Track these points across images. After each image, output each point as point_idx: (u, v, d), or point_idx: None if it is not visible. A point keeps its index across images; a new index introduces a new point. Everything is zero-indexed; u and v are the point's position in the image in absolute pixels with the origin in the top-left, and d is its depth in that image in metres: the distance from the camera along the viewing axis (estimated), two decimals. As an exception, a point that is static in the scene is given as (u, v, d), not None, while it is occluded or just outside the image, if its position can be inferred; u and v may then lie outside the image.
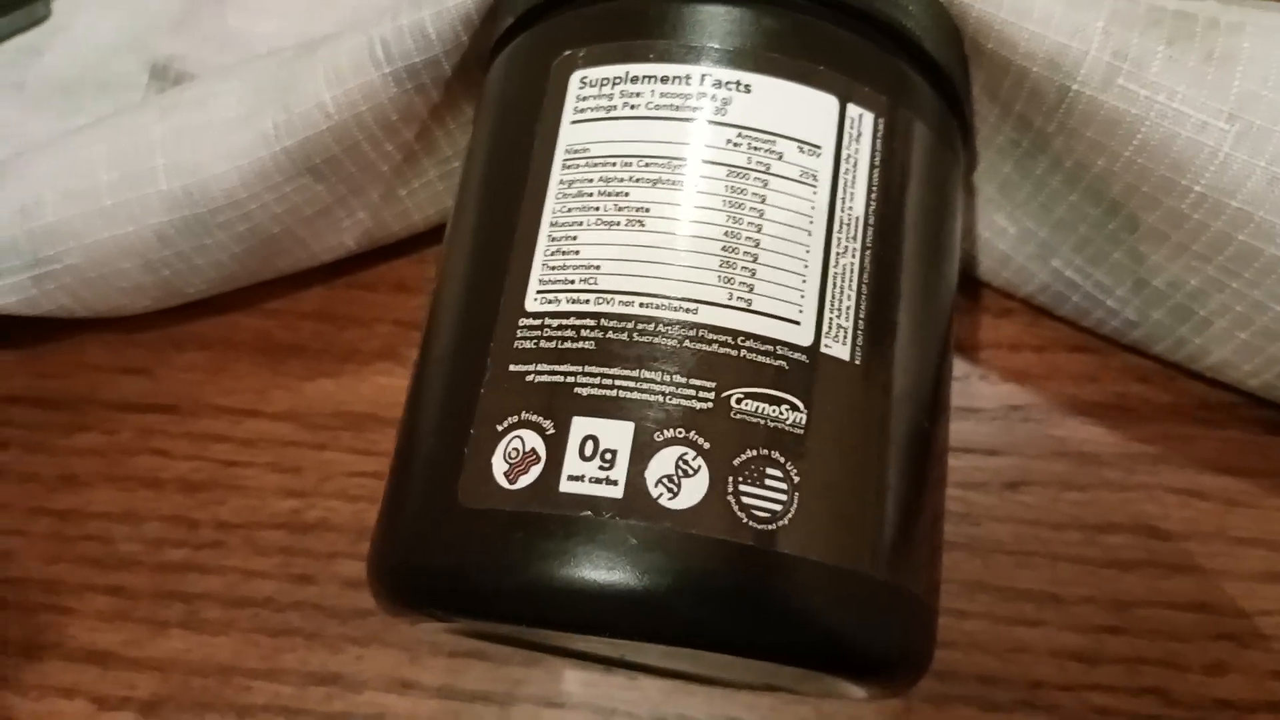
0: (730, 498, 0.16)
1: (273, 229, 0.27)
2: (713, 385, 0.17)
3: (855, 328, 0.18)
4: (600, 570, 0.16)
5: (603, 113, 0.19)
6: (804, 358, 0.17)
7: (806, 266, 0.18)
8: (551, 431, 0.17)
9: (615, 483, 0.16)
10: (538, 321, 0.18)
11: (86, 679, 0.27)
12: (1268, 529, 0.26)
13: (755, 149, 0.18)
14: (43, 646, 0.27)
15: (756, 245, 0.18)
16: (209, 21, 0.33)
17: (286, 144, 0.25)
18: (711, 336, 0.17)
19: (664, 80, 0.19)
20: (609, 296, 0.17)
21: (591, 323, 0.17)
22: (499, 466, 0.17)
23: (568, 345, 0.17)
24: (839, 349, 0.18)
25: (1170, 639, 0.25)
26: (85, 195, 0.26)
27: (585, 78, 0.19)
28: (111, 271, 0.27)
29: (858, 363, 0.18)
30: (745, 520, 0.16)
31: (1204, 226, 0.22)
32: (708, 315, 0.17)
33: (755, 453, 0.17)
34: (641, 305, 0.17)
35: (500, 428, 0.17)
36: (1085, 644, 0.25)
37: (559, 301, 0.18)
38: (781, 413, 0.17)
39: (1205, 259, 0.23)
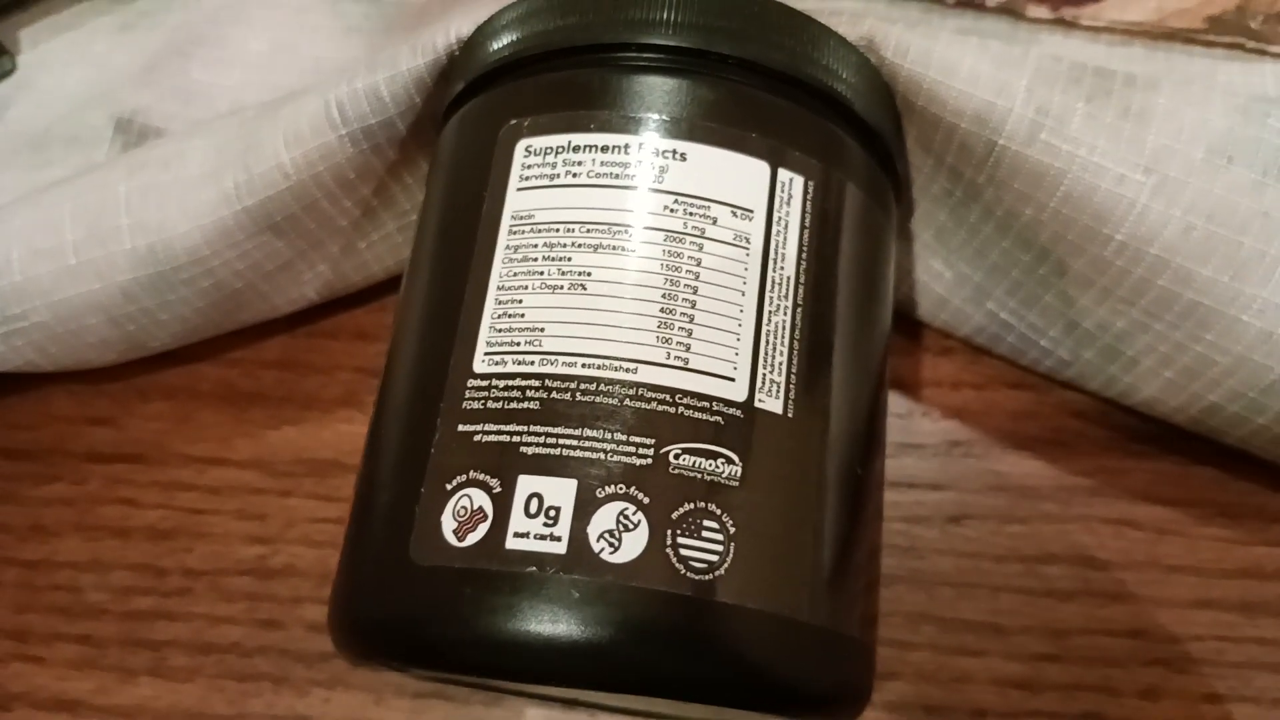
0: (669, 550, 0.17)
1: (235, 284, 0.27)
2: (652, 442, 0.18)
3: (788, 382, 0.19)
4: (545, 623, 0.17)
5: (547, 180, 0.20)
6: (739, 413, 0.18)
7: (740, 325, 0.19)
8: (498, 490, 0.18)
9: (559, 539, 0.17)
10: (485, 383, 0.19)
11: (56, 727, 0.27)
12: (1197, 557, 0.27)
13: (691, 214, 0.19)
14: (12, 695, 0.28)
15: (693, 306, 0.19)
16: (173, 74, 0.34)
17: (247, 203, 0.26)
18: (651, 395, 0.18)
19: (604, 149, 0.20)
20: (553, 358, 0.18)
21: (536, 384, 0.18)
22: (448, 524, 0.18)
23: (514, 405, 0.18)
24: (772, 403, 0.19)
25: (1106, 665, 0.26)
26: (52, 253, 0.27)
27: (530, 146, 0.20)
28: (78, 327, 0.27)
29: (790, 415, 0.19)
30: (684, 571, 0.17)
31: (1126, 273, 0.23)
32: (647, 374, 0.18)
33: (693, 506, 0.18)
34: (584, 366, 0.18)
35: (449, 486, 0.18)
36: (1025, 672, 0.26)
37: (505, 363, 0.19)
38: (717, 466, 0.18)
39: (1129, 303, 0.24)
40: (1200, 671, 0.26)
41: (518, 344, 0.19)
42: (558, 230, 0.19)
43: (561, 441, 0.18)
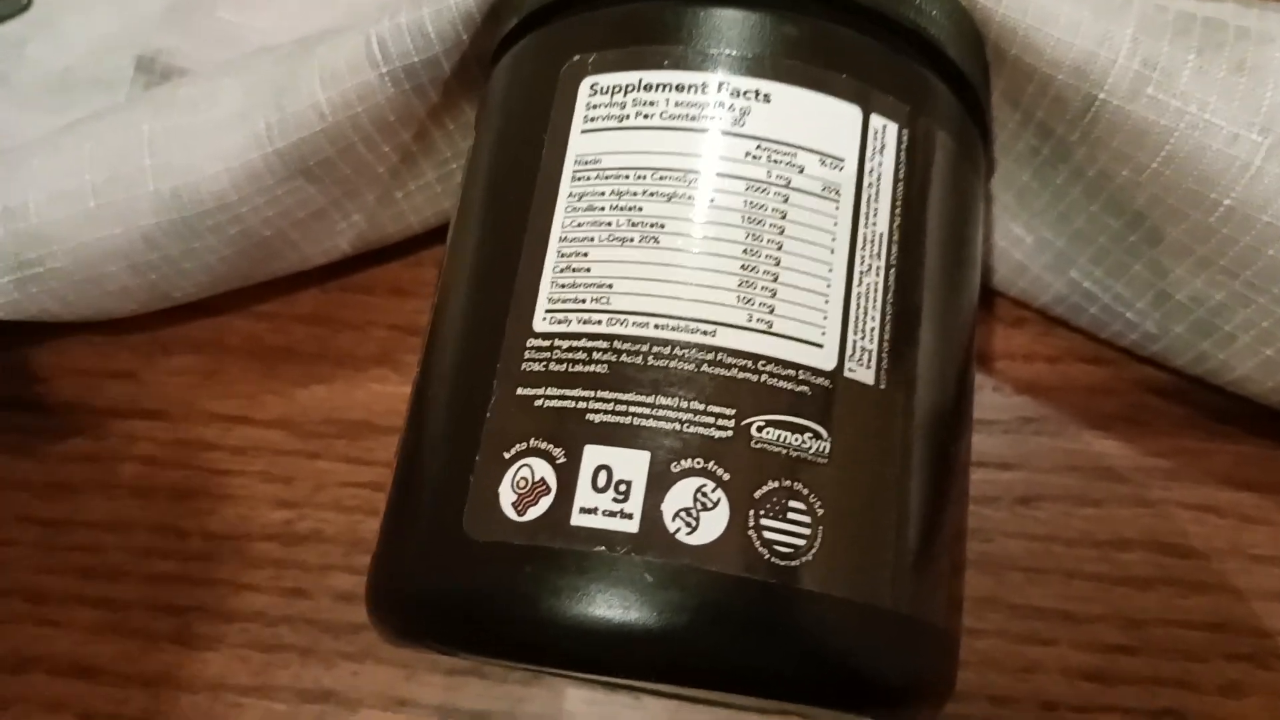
0: (751, 532, 0.16)
1: (264, 232, 0.26)
2: (732, 412, 0.16)
3: (880, 350, 0.17)
4: (615, 609, 0.15)
5: (615, 122, 0.18)
6: (827, 382, 0.17)
7: (829, 286, 0.17)
8: (562, 460, 0.16)
9: (630, 516, 0.15)
10: (547, 343, 0.17)
11: (74, 694, 0.26)
12: (1285, 546, 0.25)
13: (775, 162, 0.18)
14: (28, 660, 0.27)
15: (777, 264, 0.17)
16: (201, 14, 0.32)
17: (279, 145, 0.24)
18: (730, 360, 0.16)
19: (679, 89, 0.18)
20: (622, 317, 0.17)
21: (604, 345, 0.17)
22: (506, 496, 0.16)
23: (579, 368, 0.16)
24: (863, 373, 0.17)
25: (1186, 659, 0.24)
26: (71, 197, 0.25)
27: (596, 84, 0.18)
28: (97, 275, 0.26)
29: (882, 386, 0.17)
30: (767, 556, 0.15)
31: (1232, 241, 0.22)
32: (726, 338, 0.16)
33: (777, 484, 0.16)
34: (657, 327, 0.17)
35: (507, 455, 0.16)
36: (1099, 663, 0.24)
37: (569, 322, 0.17)
38: (804, 441, 0.16)
39: (1232, 274, 0.22)
40: (1287, 668, 0.24)
41: (583, 301, 0.17)
42: (627, 177, 0.18)
43: (632, 409, 0.16)
